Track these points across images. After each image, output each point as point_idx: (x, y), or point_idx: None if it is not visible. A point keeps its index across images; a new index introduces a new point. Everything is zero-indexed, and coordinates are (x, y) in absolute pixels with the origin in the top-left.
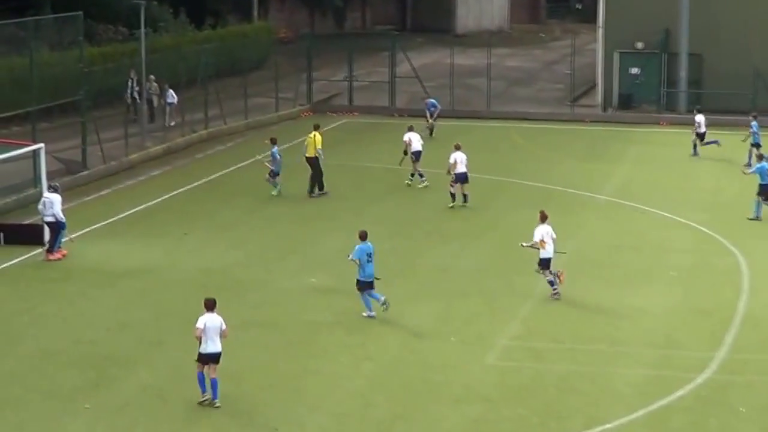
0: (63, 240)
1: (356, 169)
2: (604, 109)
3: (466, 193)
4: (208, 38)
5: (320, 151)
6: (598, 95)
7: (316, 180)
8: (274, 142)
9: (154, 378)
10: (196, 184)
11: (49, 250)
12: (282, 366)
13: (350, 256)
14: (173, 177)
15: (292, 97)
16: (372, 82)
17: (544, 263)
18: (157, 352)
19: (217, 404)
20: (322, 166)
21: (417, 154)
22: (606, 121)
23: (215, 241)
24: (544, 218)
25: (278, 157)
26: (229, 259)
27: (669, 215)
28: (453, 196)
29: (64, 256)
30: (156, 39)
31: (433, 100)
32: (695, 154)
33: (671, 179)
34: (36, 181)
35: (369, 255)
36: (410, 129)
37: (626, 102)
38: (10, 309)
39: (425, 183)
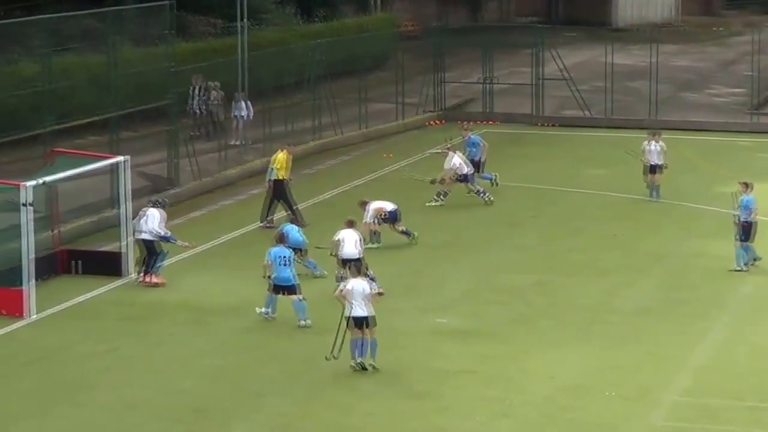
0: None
1: (494, 189)
2: None
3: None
4: (319, 33)
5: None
6: None
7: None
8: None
9: None
10: (305, 204)
11: (147, 272)
12: (405, 423)
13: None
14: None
15: (418, 103)
16: (513, 85)
17: None
18: (256, 405)
19: (370, 364)
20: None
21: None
22: None
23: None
24: None
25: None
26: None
27: None
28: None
29: (162, 284)
30: (257, 33)
31: (476, 137)
32: None
33: None
34: (115, 199)
35: (283, 258)
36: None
37: None
38: (87, 350)
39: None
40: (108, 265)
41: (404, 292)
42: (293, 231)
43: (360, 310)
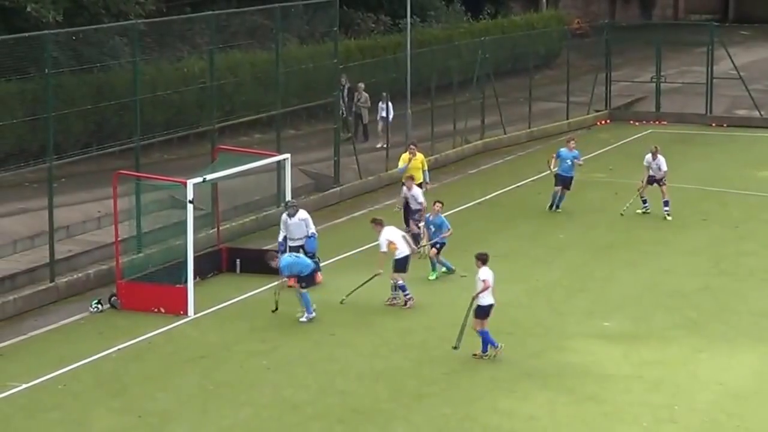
0: None
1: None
2: None
3: None
4: (486, 30)
5: None
6: None
7: None
8: None
9: None
10: (467, 205)
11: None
12: (568, 428)
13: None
14: (440, 195)
15: (586, 102)
16: (685, 84)
17: None
18: (418, 407)
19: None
20: None
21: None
22: None
23: None
24: None
25: None
26: (507, 296)
27: None
28: None
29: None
30: (424, 30)
31: (574, 152)
32: None
33: None
34: (279, 197)
35: None
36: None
37: None
38: (247, 350)
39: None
40: (268, 264)
41: (569, 295)
42: None
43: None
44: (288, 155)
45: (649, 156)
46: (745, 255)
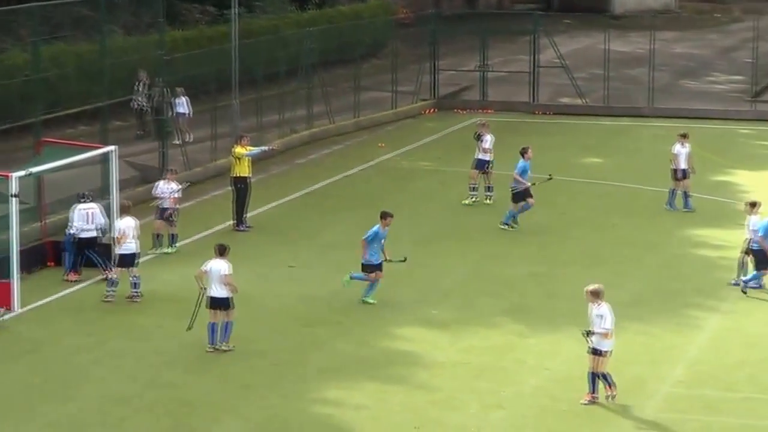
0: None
1: (492, 179)
2: None
3: None
4: (313, 20)
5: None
6: None
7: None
8: None
9: (242, 428)
10: (295, 195)
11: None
12: (397, 416)
13: None
14: (268, 186)
15: (412, 91)
16: (510, 73)
17: None
18: (246, 398)
19: (226, 347)
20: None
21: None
22: None
23: (317, 264)
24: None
25: None
26: (336, 286)
27: None
28: None
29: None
30: (250, 21)
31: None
32: None
33: None
34: (105, 190)
35: None
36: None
37: None
38: (73, 344)
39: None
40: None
41: (397, 283)
42: None
43: (215, 291)
44: (114, 147)
45: (679, 145)
46: (570, 241)
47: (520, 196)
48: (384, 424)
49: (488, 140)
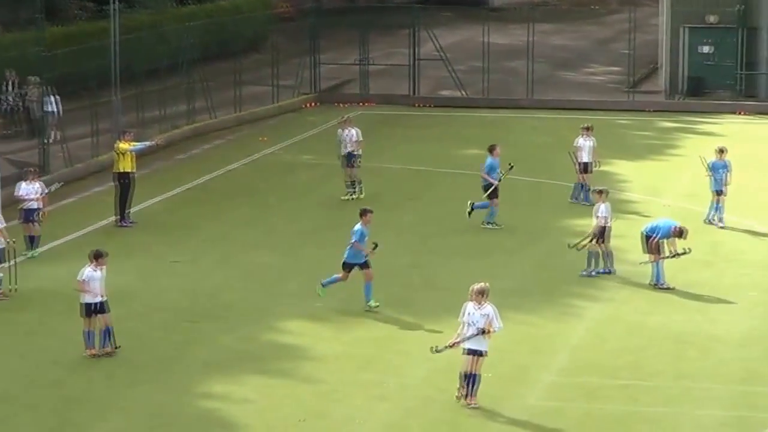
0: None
1: (372, 172)
2: (670, 96)
3: None
4: (193, 15)
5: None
6: (663, 80)
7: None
8: None
9: (128, 425)
10: (177, 190)
11: None
12: (283, 409)
13: None
14: (150, 182)
15: (293, 85)
16: (390, 66)
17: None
18: (132, 394)
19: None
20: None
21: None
22: (672, 111)
23: (201, 259)
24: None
25: None
26: (219, 281)
27: (749, 222)
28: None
29: None
30: (130, 17)
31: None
32: None
33: (752, 180)
34: None
35: None
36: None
37: (696, 87)
38: None
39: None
40: None
41: (282, 278)
42: None
43: (88, 298)
44: None
45: (582, 138)
46: (451, 232)
47: (494, 193)
48: (269, 417)
49: (355, 134)
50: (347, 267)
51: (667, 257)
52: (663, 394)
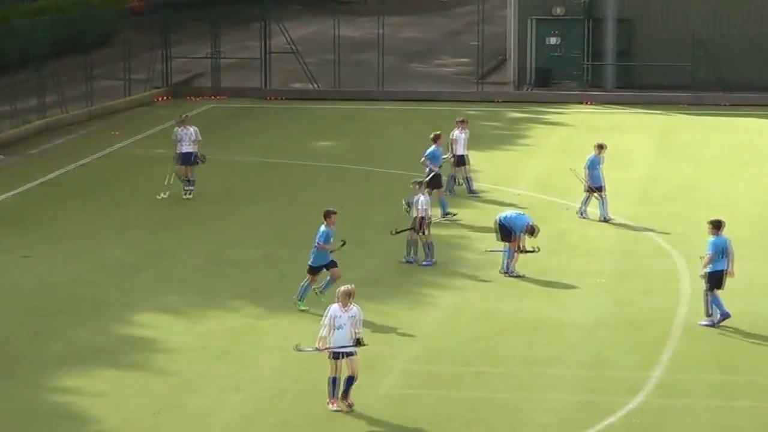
0: None
1: (224, 165)
2: (518, 87)
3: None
4: (43, 9)
5: None
6: (511, 71)
7: None
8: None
9: None
10: (29, 185)
11: None
12: (138, 400)
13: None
14: (2, 176)
15: (145, 79)
16: (242, 60)
17: None
18: None
19: None
20: None
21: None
22: (520, 101)
23: (53, 253)
24: None
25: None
26: (71, 275)
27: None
28: None
29: None
30: None
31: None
32: None
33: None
34: None
35: None
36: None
37: (544, 78)
38: None
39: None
40: None
41: (134, 271)
42: None
43: None
44: None
45: (457, 131)
46: (302, 223)
47: (437, 182)
48: (123, 410)
49: (193, 133)
50: (314, 270)
51: (516, 252)
52: (514, 380)
